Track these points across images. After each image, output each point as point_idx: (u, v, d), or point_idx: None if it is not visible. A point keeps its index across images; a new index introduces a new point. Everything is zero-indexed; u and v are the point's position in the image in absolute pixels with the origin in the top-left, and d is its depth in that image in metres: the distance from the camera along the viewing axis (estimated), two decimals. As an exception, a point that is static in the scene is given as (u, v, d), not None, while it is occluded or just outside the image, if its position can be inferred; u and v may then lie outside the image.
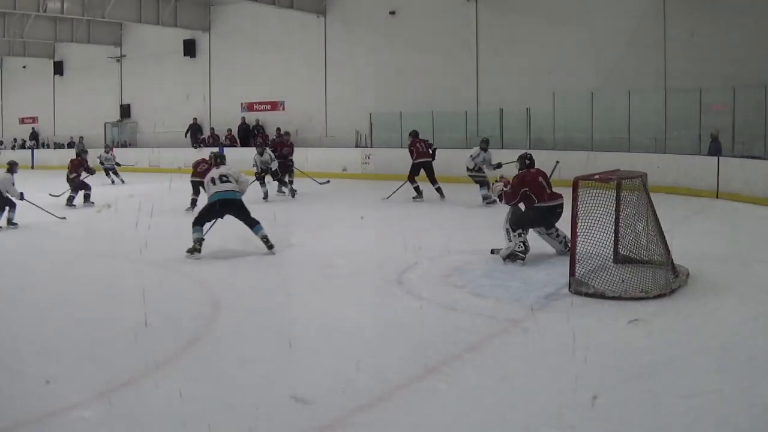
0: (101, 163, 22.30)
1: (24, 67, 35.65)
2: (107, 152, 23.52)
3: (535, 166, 9.32)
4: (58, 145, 33.01)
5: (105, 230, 12.28)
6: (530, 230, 9.16)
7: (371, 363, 5.35)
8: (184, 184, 14.77)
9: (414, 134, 15.94)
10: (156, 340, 6.03)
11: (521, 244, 8.80)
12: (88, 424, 4.50)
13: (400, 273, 8.36)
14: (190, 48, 28.79)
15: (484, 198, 14.39)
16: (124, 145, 30.70)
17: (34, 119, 35.82)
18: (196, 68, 28.90)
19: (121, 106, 31.71)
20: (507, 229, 8.95)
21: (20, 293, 8.01)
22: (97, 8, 25.39)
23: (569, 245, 9.17)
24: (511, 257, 8.81)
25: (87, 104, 32.38)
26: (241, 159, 18.32)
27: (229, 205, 9.78)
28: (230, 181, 9.86)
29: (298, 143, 24.91)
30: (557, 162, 10.63)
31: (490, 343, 5.87)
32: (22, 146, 33.91)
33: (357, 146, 23.11)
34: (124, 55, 31.54)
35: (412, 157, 15.59)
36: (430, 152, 15.57)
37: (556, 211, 9.07)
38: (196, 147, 27.15)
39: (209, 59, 28.61)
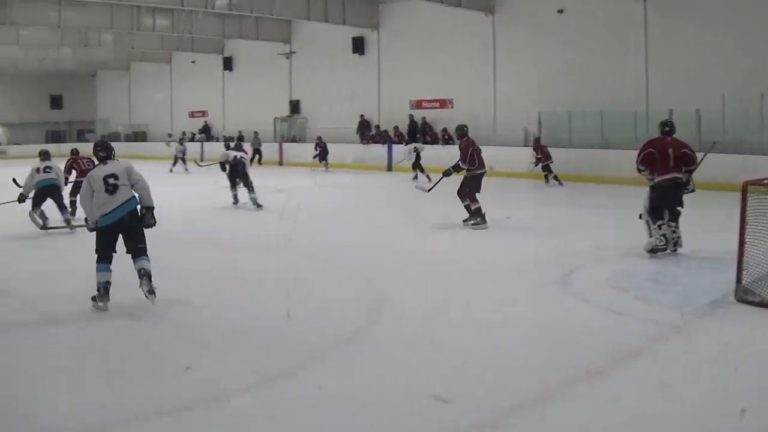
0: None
1: (193, 62, 37.36)
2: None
3: (673, 136, 9.28)
4: (227, 139, 34.24)
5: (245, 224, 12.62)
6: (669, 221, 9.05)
7: (530, 364, 5.39)
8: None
9: (75, 151, 13.85)
10: (304, 334, 6.32)
11: (662, 238, 8.91)
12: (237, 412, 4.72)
13: (564, 275, 8.24)
14: (358, 45, 29.30)
15: None
16: (293, 140, 31.71)
17: (203, 113, 37.46)
18: (365, 65, 29.37)
19: (291, 101, 32.73)
20: (647, 221, 9.10)
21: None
22: (265, 6, 26.22)
23: (678, 247, 8.96)
24: (654, 251, 8.97)
25: (256, 99, 33.67)
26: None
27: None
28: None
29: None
30: (714, 143, 10.35)
31: (650, 348, 5.73)
32: (192, 139, 34.78)
33: (525, 145, 22.73)
34: (294, 52, 32.50)
35: None
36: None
37: (677, 182, 8.99)
38: (364, 143, 27.77)
39: (378, 57, 29.04)
